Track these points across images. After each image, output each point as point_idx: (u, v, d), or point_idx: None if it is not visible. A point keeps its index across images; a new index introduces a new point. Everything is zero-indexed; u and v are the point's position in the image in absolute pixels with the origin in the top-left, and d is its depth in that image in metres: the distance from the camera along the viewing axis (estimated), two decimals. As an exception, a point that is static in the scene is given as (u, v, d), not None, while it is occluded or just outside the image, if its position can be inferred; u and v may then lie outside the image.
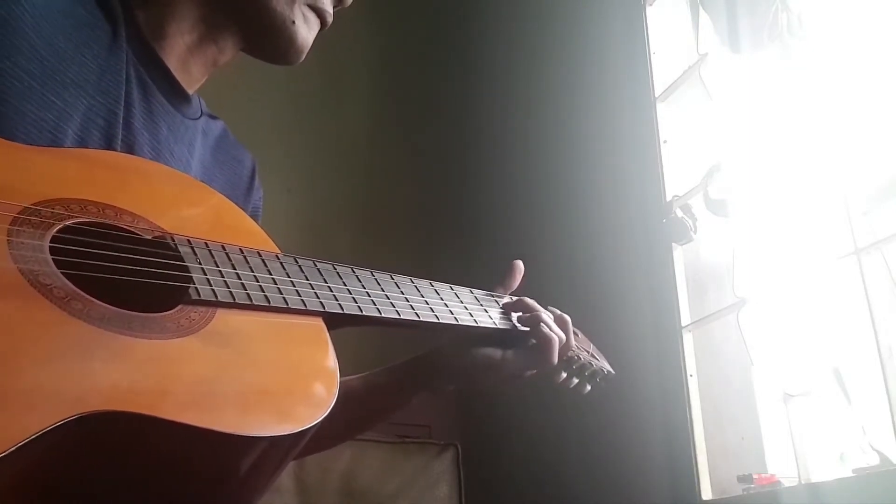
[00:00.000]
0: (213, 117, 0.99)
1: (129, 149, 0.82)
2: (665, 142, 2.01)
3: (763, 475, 1.61)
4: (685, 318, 1.87)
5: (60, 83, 0.76)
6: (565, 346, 0.98)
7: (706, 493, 1.72)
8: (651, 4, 2.14)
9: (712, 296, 1.88)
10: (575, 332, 1.09)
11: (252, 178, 1.02)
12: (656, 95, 2.05)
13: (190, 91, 0.92)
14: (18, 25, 0.75)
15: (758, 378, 1.74)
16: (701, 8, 1.96)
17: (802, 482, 1.52)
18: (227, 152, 1.00)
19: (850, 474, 1.44)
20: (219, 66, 0.94)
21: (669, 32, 2.11)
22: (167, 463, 0.58)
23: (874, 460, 1.43)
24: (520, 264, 1.05)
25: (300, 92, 2.76)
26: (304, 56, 0.91)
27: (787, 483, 1.57)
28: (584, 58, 2.35)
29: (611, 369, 1.14)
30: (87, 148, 0.77)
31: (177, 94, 0.89)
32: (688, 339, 1.85)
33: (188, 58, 0.90)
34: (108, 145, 0.79)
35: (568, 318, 1.01)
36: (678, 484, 1.77)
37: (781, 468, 1.63)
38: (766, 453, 1.71)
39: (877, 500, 1.35)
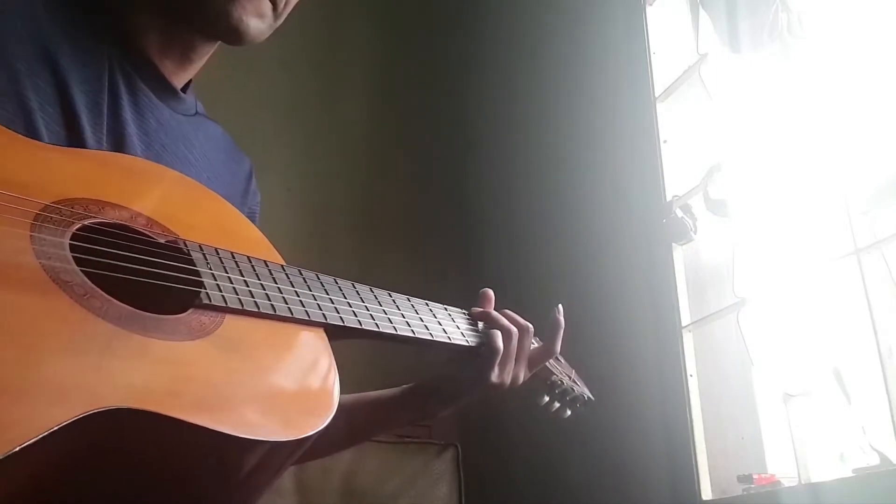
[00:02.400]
0: (210, 120, 1.00)
1: (118, 139, 0.83)
2: (665, 142, 2.01)
3: (763, 475, 1.61)
4: (685, 318, 1.87)
5: (48, 69, 0.78)
6: (506, 355, 1.00)
7: (706, 493, 1.72)
8: (651, 4, 2.14)
9: (712, 296, 1.88)
10: (557, 359, 1.12)
11: (249, 180, 1.03)
12: (656, 95, 2.05)
13: (176, 85, 0.92)
14: (6, 15, 0.76)
15: (758, 378, 1.74)
16: (701, 8, 1.96)
17: (802, 482, 1.52)
18: (228, 154, 1.01)
19: (850, 474, 1.44)
20: (193, 61, 0.93)
21: (669, 32, 2.11)
22: (175, 461, 0.60)
23: (874, 460, 1.43)
24: (489, 292, 1.06)
25: (300, 92, 2.76)
26: (247, 35, 0.87)
27: (787, 483, 1.58)
28: (585, 58, 2.35)
29: (591, 396, 1.18)
30: (77, 135, 0.79)
31: (164, 89, 0.90)
32: (688, 339, 1.85)
33: (161, 54, 0.90)
34: (95, 134, 0.80)
35: (516, 330, 1.02)
36: (678, 484, 1.77)
37: (781, 468, 1.63)
38: (766, 453, 1.71)
39: (877, 500, 1.35)
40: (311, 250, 2.43)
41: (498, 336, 0.99)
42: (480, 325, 1.02)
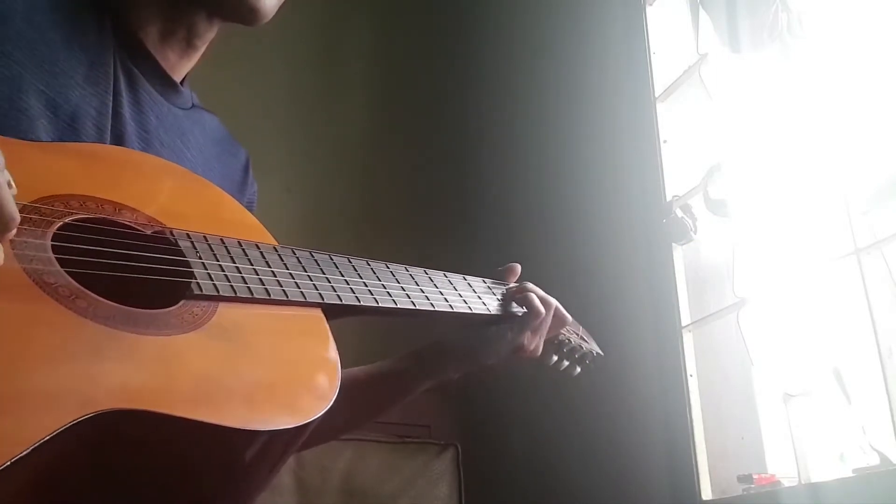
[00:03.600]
0: (206, 111, 0.99)
1: (119, 139, 0.82)
2: (665, 142, 2.01)
3: (763, 475, 1.61)
4: (685, 318, 1.87)
5: (51, 73, 0.77)
6: (544, 321, 1.03)
7: (706, 493, 1.72)
8: (651, 4, 2.14)
9: (712, 296, 1.88)
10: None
11: (246, 172, 1.03)
12: (656, 95, 2.05)
13: (176, 79, 0.92)
14: (10, 15, 0.75)
15: (758, 378, 1.74)
16: (701, 8, 1.96)
17: (802, 482, 1.52)
18: (223, 146, 1.00)
19: (850, 474, 1.44)
20: (197, 47, 0.93)
21: (669, 32, 2.11)
22: (175, 458, 0.59)
23: (874, 460, 1.43)
24: (517, 266, 1.09)
25: (300, 91, 2.76)
26: (262, 11, 0.88)
27: (787, 483, 1.57)
28: (584, 58, 2.35)
29: (600, 351, 1.17)
30: (80, 138, 0.78)
31: (165, 84, 0.90)
32: (688, 339, 1.85)
33: (163, 44, 0.90)
34: (99, 136, 0.80)
35: (554, 301, 1.06)
36: (678, 484, 1.77)
37: (781, 468, 1.63)
38: (766, 453, 1.71)
39: (877, 500, 1.35)
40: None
41: (537, 301, 1.01)
42: (492, 291, 1.03)
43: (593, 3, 2.34)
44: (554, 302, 1.04)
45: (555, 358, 1.10)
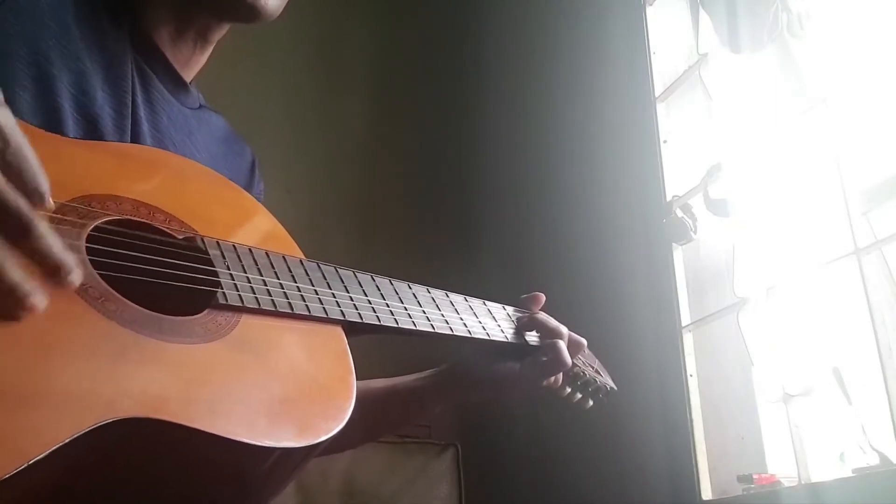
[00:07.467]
0: (212, 111, 1.00)
1: (135, 139, 0.83)
2: (665, 142, 2.01)
3: (763, 475, 1.61)
4: (685, 318, 1.87)
5: (78, 73, 0.78)
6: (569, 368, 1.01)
7: (706, 493, 1.72)
8: (651, 4, 2.14)
9: (712, 296, 1.88)
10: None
11: (252, 171, 1.03)
12: (656, 95, 2.05)
13: (186, 79, 0.93)
14: (38, 15, 0.76)
15: (758, 378, 1.74)
16: (701, 8, 1.96)
17: (802, 482, 1.52)
18: (229, 145, 1.01)
19: (850, 474, 1.44)
20: (206, 47, 0.94)
21: (669, 32, 2.11)
22: (189, 467, 0.59)
23: (874, 460, 1.43)
24: (541, 296, 1.06)
25: (300, 92, 2.76)
26: (264, 12, 0.88)
27: (787, 483, 1.57)
28: (585, 58, 2.35)
29: (614, 386, 1.15)
30: (103, 138, 0.78)
31: (175, 84, 0.91)
32: (688, 339, 1.85)
33: (174, 45, 0.91)
34: (119, 136, 0.81)
35: (584, 341, 1.04)
36: (678, 484, 1.77)
37: (781, 468, 1.63)
38: (766, 453, 1.71)
39: (877, 500, 1.35)
40: (311, 251, 2.42)
41: (564, 349, 0.98)
42: (512, 319, 1.01)
43: (593, 3, 2.34)
44: (582, 340, 1.03)
45: (568, 390, 1.08)
